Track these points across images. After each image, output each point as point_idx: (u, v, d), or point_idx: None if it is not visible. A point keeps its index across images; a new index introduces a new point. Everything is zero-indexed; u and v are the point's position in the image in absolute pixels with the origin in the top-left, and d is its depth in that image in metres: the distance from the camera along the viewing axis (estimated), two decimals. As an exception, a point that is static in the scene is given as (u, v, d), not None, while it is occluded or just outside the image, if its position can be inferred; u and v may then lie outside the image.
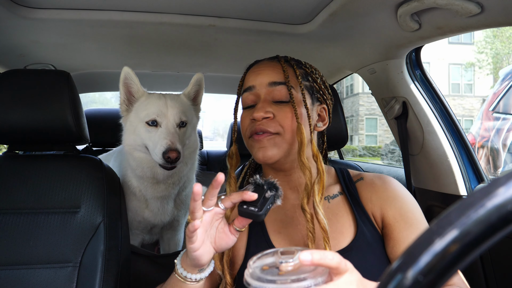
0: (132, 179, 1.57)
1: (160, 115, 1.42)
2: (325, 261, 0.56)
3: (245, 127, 0.98)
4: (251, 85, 0.97)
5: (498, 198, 0.29)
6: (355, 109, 20.25)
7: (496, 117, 4.24)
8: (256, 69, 1.00)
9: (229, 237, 0.80)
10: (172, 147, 1.34)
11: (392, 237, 0.90)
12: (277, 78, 0.95)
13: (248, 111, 0.98)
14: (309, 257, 0.55)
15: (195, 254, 0.77)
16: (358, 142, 19.64)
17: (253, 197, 0.74)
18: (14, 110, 1.21)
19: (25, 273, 1.13)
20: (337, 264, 0.57)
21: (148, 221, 1.63)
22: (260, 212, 0.73)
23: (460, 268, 0.30)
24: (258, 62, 1.04)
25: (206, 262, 0.80)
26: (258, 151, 0.93)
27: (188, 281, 0.83)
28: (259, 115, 0.92)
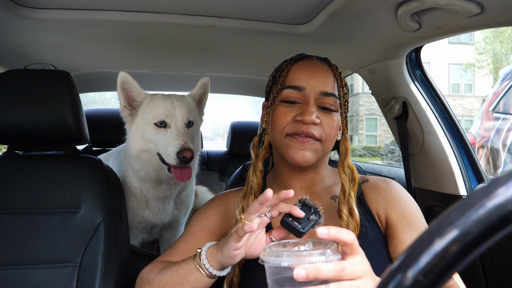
0: (133, 180, 1.56)
1: (168, 116, 1.41)
2: (340, 236, 0.58)
3: (284, 123, 0.95)
4: (301, 86, 0.95)
5: (498, 198, 0.29)
6: (355, 109, 20.25)
7: (496, 117, 4.24)
8: (309, 68, 0.98)
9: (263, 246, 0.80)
10: (185, 147, 1.34)
11: (395, 237, 0.92)
12: (329, 89, 0.96)
13: (289, 107, 0.96)
14: (326, 230, 0.57)
15: (234, 252, 0.78)
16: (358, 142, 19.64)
17: (300, 215, 0.75)
18: (14, 110, 1.21)
19: (25, 273, 1.13)
20: (352, 241, 0.59)
21: (148, 221, 1.63)
22: (303, 230, 0.75)
23: (461, 268, 0.30)
24: (305, 58, 1.02)
25: (235, 262, 0.81)
26: (297, 152, 0.92)
27: (207, 273, 0.84)
28: (311, 119, 0.91)
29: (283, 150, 0.96)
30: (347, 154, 0.96)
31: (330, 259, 0.57)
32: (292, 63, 1.00)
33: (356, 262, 0.59)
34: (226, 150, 3.12)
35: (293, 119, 0.94)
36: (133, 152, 1.46)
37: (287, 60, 1.03)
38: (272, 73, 1.06)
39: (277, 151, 1.00)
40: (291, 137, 0.94)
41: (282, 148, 0.96)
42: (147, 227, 1.67)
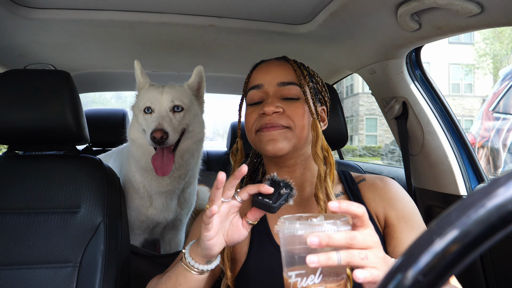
0: (136, 173, 1.58)
1: (153, 102, 1.48)
2: (351, 208, 0.61)
3: (251, 122, 0.98)
4: (259, 83, 0.99)
5: (498, 198, 0.29)
6: (355, 109, 20.25)
7: (496, 117, 4.24)
8: (265, 67, 1.02)
9: (241, 231, 0.82)
10: (158, 128, 1.37)
11: (394, 237, 0.92)
12: (286, 78, 0.98)
13: (254, 107, 0.99)
14: (337, 204, 0.60)
15: (209, 243, 0.78)
16: (358, 142, 19.64)
17: (269, 191, 0.76)
18: (14, 110, 1.21)
19: (25, 273, 1.13)
20: (363, 213, 0.61)
21: (152, 219, 1.62)
22: (275, 204, 0.76)
23: (461, 268, 0.30)
24: (264, 61, 1.06)
25: (216, 253, 0.81)
26: (268, 144, 0.94)
27: (195, 270, 0.84)
28: (270, 109, 0.93)
29: (258, 147, 0.99)
30: (318, 138, 0.95)
31: (341, 229, 0.60)
32: (253, 69, 1.05)
33: (366, 233, 0.61)
34: (226, 150, 3.12)
35: (258, 115, 0.97)
36: (131, 134, 1.55)
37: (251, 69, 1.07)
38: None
39: (256, 150, 1.04)
40: (259, 132, 0.96)
41: (257, 145, 0.99)
42: (150, 227, 1.67)
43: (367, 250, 0.59)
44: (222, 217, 0.79)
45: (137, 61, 1.56)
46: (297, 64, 1.02)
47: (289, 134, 0.94)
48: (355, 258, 0.57)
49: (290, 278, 0.61)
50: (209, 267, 0.84)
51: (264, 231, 0.98)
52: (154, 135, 1.35)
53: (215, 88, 2.65)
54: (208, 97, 1.67)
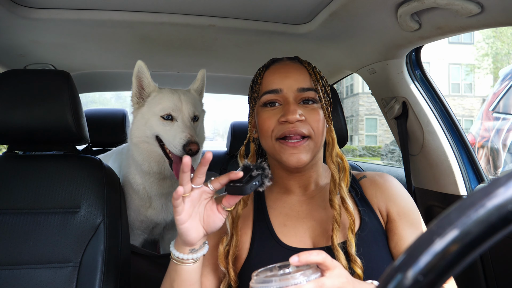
0: (136, 176, 1.58)
1: (175, 110, 1.46)
2: (310, 259, 0.64)
3: (270, 127, 0.95)
4: (278, 88, 0.96)
5: (498, 198, 0.29)
6: (355, 109, 20.25)
7: (496, 117, 4.24)
8: (282, 70, 0.99)
9: (216, 216, 0.84)
10: (192, 140, 1.38)
11: (396, 233, 0.94)
12: (305, 84, 0.96)
13: (272, 111, 0.96)
14: (296, 258, 0.64)
15: (182, 227, 0.80)
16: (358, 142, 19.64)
17: (238, 175, 0.78)
18: (14, 110, 1.21)
19: (25, 273, 1.13)
20: (323, 259, 0.65)
21: (151, 219, 1.63)
22: (246, 185, 0.77)
23: (460, 268, 0.30)
24: (277, 61, 1.03)
25: (194, 239, 0.83)
26: (291, 156, 0.92)
27: (180, 262, 0.85)
28: (294, 117, 0.91)
29: (276, 155, 0.96)
30: (334, 145, 0.97)
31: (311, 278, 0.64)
32: (265, 70, 1.01)
33: (334, 276, 0.65)
34: (226, 150, 3.12)
35: (278, 122, 0.94)
36: (134, 138, 1.51)
37: (260, 67, 1.04)
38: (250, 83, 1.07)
39: (271, 156, 1.01)
40: (281, 141, 0.94)
41: (275, 153, 0.96)
42: (149, 227, 1.67)
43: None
44: (193, 201, 0.81)
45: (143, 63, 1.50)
46: (311, 67, 1.00)
47: (311, 145, 0.94)
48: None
49: None
50: (193, 256, 0.85)
51: (265, 225, 0.98)
52: (190, 148, 1.37)
53: (215, 88, 2.65)
54: (208, 97, 1.67)
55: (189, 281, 0.87)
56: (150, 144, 1.49)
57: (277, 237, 0.95)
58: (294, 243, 0.94)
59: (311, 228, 0.96)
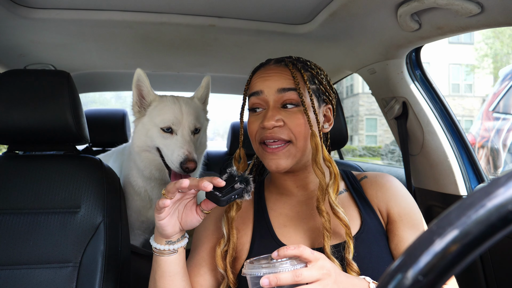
0: (138, 179, 1.56)
1: (175, 123, 1.41)
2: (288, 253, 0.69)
3: (254, 132, 0.98)
4: (259, 90, 0.96)
5: (498, 198, 0.29)
6: (355, 109, 20.25)
7: (496, 117, 4.24)
8: (264, 73, 0.99)
9: (194, 216, 0.87)
10: (189, 158, 1.35)
11: (397, 234, 0.94)
12: (286, 84, 0.94)
13: (256, 115, 0.98)
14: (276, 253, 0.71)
15: (161, 222, 0.84)
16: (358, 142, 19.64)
17: (220, 184, 0.80)
18: (14, 110, 1.21)
19: (25, 273, 1.13)
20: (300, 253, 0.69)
21: (152, 220, 1.62)
22: (223, 198, 0.79)
23: (461, 268, 0.30)
24: (264, 65, 1.03)
25: (170, 233, 0.86)
26: (271, 162, 0.94)
27: (158, 252, 0.89)
28: (270, 123, 0.91)
29: (261, 158, 1.00)
30: (317, 151, 0.92)
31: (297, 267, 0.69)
32: (252, 74, 1.03)
33: (314, 267, 0.69)
34: (226, 150, 3.12)
35: (259, 126, 0.96)
36: (136, 148, 1.49)
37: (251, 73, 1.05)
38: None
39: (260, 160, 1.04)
40: (262, 146, 0.96)
41: (260, 157, 1.00)
42: (150, 227, 1.67)
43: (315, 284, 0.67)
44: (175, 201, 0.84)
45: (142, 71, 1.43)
46: (297, 68, 0.97)
47: (292, 150, 0.93)
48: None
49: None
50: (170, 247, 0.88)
51: (265, 226, 0.98)
52: (187, 166, 1.33)
53: (215, 88, 2.64)
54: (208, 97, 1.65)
55: (168, 272, 0.89)
56: (151, 153, 1.47)
57: (277, 238, 0.95)
58: (294, 243, 0.94)
59: (311, 229, 0.96)
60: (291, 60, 1.00)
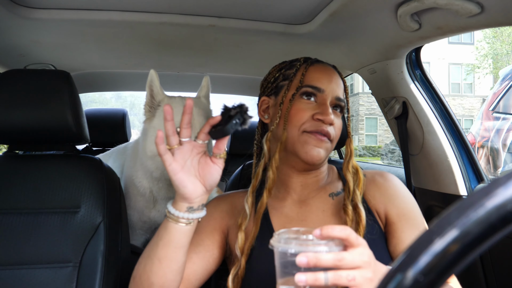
0: (143, 180, 1.53)
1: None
2: (333, 233, 0.62)
3: (302, 119, 0.97)
4: (322, 88, 0.98)
5: (498, 198, 0.29)
6: (355, 109, 20.26)
7: (496, 117, 4.24)
8: (327, 72, 1.02)
9: (211, 166, 0.83)
10: None
11: (395, 236, 0.93)
12: (341, 94, 1.02)
13: (307, 104, 0.98)
14: (319, 231, 0.62)
15: (176, 178, 0.79)
16: (358, 142, 19.65)
17: (217, 119, 0.79)
18: (14, 110, 1.21)
19: (25, 273, 1.13)
20: (347, 236, 0.62)
21: (154, 221, 1.62)
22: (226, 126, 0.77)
23: (461, 268, 0.30)
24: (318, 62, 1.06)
25: (192, 192, 0.81)
26: (313, 149, 0.95)
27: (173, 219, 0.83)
28: (330, 119, 0.95)
29: (298, 145, 0.96)
30: (351, 156, 1.01)
31: (333, 250, 0.62)
32: (310, 64, 1.04)
33: (356, 253, 0.62)
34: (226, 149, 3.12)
35: (311, 117, 0.96)
36: (149, 152, 1.43)
37: (299, 60, 1.05)
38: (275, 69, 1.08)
39: (290, 146, 0.99)
40: (309, 134, 0.96)
41: (297, 144, 0.96)
42: (152, 227, 1.68)
43: (355, 270, 0.61)
44: (184, 153, 0.80)
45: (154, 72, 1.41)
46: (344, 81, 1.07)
47: (329, 146, 0.98)
48: (342, 280, 0.59)
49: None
50: (190, 215, 0.83)
51: (266, 229, 0.98)
52: None
53: (215, 88, 2.64)
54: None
55: (175, 243, 0.83)
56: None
57: None
58: None
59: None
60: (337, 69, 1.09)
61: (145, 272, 0.86)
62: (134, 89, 2.71)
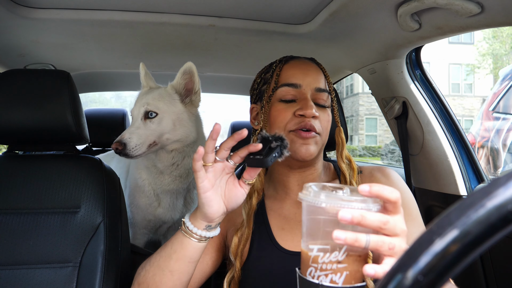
0: (142, 171, 1.62)
1: (133, 109, 1.50)
2: (384, 193, 0.55)
3: (285, 120, 0.97)
4: (298, 83, 0.98)
5: (498, 198, 0.29)
6: (355, 109, 20.26)
7: (496, 117, 4.24)
8: (302, 66, 1.01)
9: (238, 190, 0.81)
10: (117, 140, 1.42)
11: None
12: (322, 85, 1.00)
13: (287, 104, 0.98)
14: (367, 187, 0.54)
15: (205, 195, 0.78)
16: (358, 142, 19.64)
17: (258, 147, 0.75)
18: (14, 110, 1.21)
19: (25, 273, 1.13)
20: (396, 199, 0.56)
21: (159, 218, 1.64)
22: (265, 158, 0.74)
23: (461, 268, 0.30)
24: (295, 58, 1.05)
25: (215, 213, 0.80)
26: (301, 146, 0.94)
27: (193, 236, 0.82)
28: (311, 112, 0.93)
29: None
30: (343, 146, 1.01)
31: (371, 209, 0.55)
32: (284, 63, 1.03)
33: (397, 220, 0.57)
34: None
35: (293, 115, 0.95)
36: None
37: (276, 61, 1.05)
38: (257, 76, 1.08)
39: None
40: (294, 133, 0.95)
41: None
42: (156, 226, 1.69)
43: (395, 238, 0.55)
44: (216, 173, 0.79)
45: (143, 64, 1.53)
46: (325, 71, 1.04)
47: (319, 139, 0.97)
48: (384, 246, 0.54)
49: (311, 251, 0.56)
50: (207, 234, 0.82)
51: (263, 228, 0.98)
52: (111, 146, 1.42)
53: (215, 88, 2.65)
54: (208, 97, 1.66)
55: (189, 258, 0.84)
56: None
57: (276, 240, 0.95)
58: (291, 247, 0.94)
59: None
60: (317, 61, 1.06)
61: (155, 282, 0.87)
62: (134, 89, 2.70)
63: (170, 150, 1.54)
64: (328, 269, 0.55)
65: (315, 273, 0.55)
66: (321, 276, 0.55)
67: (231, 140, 0.77)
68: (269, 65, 1.07)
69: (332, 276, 0.54)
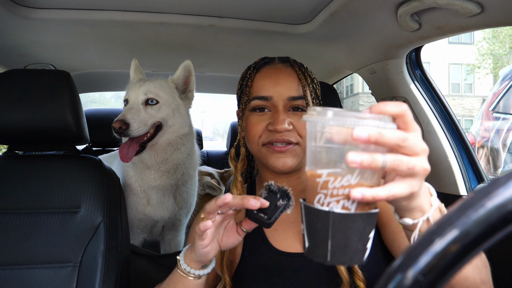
0: (129, 168, 1.62)
1: (130, 95, 1.50)
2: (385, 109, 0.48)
3: (257, 133, 0.94)
4: (267, 96, 0.94)
5: (498, 198, 0.29)
6: (355, 109, 20.25)
7: (496, 117, 4.24)
8: (272, 75, 0.97)
9: (235, 237, 0.80)
10: (119, 118, 1.41)
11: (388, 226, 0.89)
12: (295, 93, 0.95)
13: (260, 116, 0.95)
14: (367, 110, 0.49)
15: (204, 250, 0.77)
16: (358, 142, 19.61)
17: (265, 205, 0.72)
18: (14, 110, 1.21)
19: (25, 273, 1.13)
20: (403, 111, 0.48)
21: (149, 216, 1.63)
22: (269, 220, 0.72)
23: (460, 268, 0.30)
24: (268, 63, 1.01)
25: (211, 259, 0.81)
26: (278, 160, 0.92)
27: (191, 276, 0.82)
28: (282, 127, 0.90)
29: (262, 159, 0.96)
30: None
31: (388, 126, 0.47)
32: (256, 72, 1.00)
33: (416, 137, 0.49)
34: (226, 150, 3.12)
35: (266, 128, 0.93)
36: None
37: (251, 66, 1.02)
38: (240, 79, 1.05)
39: (257, 160, 1.00)
40: (268, 146, 0.93)
41: (261, 158, 0.96)
42: (148, 225, 1.68)
43: (415, 158, 0.49)
44: (216, 225, 0.77)
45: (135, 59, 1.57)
46: (302, 71, 0.98)
47: (298, 150, 0.93)
48: (402, 166, 0.48)
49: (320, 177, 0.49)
50: (205, 271, 0.83)
51: (257, 233, 0.97)
52: (113, 125, 1.39)
53: (215, 88, 2.65)
54: (208, 97, 1.67)
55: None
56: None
57: (268, 241, 0.94)
58: (284, 248, 0.93)
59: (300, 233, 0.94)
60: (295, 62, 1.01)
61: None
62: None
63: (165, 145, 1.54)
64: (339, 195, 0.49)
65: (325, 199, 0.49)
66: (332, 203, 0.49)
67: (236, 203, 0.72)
68: (247, 68, 1.04)
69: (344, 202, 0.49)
